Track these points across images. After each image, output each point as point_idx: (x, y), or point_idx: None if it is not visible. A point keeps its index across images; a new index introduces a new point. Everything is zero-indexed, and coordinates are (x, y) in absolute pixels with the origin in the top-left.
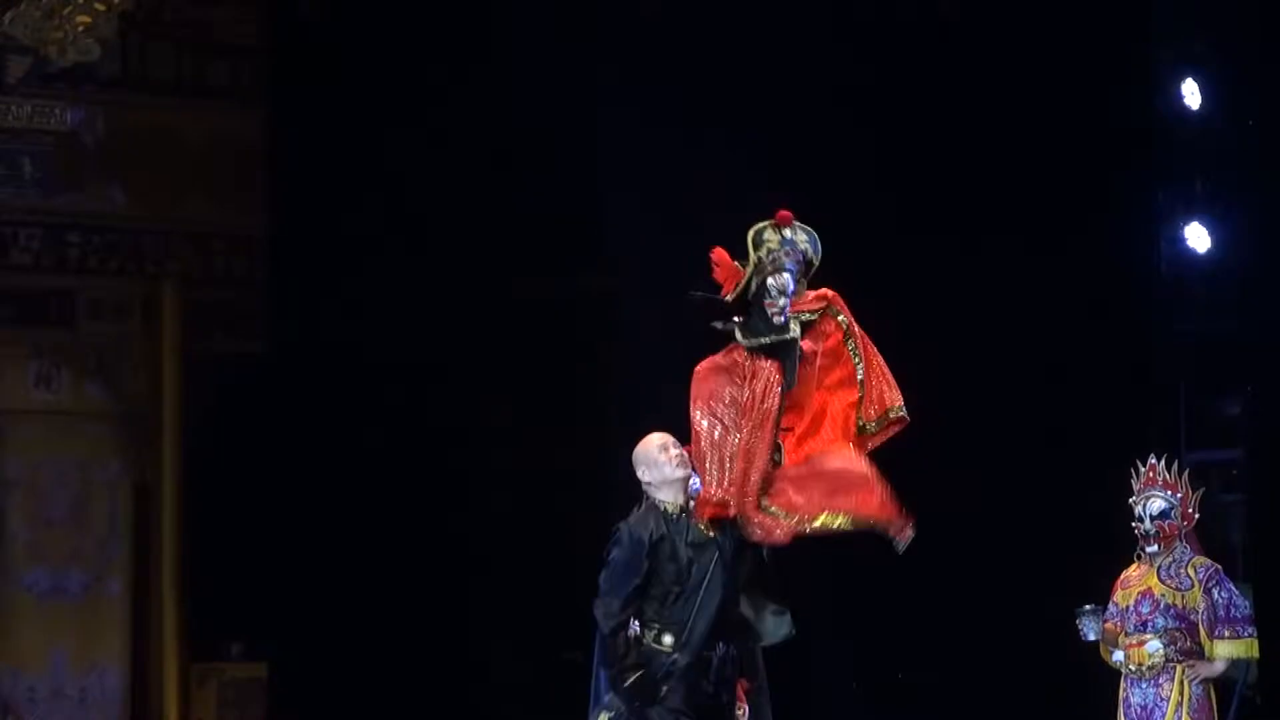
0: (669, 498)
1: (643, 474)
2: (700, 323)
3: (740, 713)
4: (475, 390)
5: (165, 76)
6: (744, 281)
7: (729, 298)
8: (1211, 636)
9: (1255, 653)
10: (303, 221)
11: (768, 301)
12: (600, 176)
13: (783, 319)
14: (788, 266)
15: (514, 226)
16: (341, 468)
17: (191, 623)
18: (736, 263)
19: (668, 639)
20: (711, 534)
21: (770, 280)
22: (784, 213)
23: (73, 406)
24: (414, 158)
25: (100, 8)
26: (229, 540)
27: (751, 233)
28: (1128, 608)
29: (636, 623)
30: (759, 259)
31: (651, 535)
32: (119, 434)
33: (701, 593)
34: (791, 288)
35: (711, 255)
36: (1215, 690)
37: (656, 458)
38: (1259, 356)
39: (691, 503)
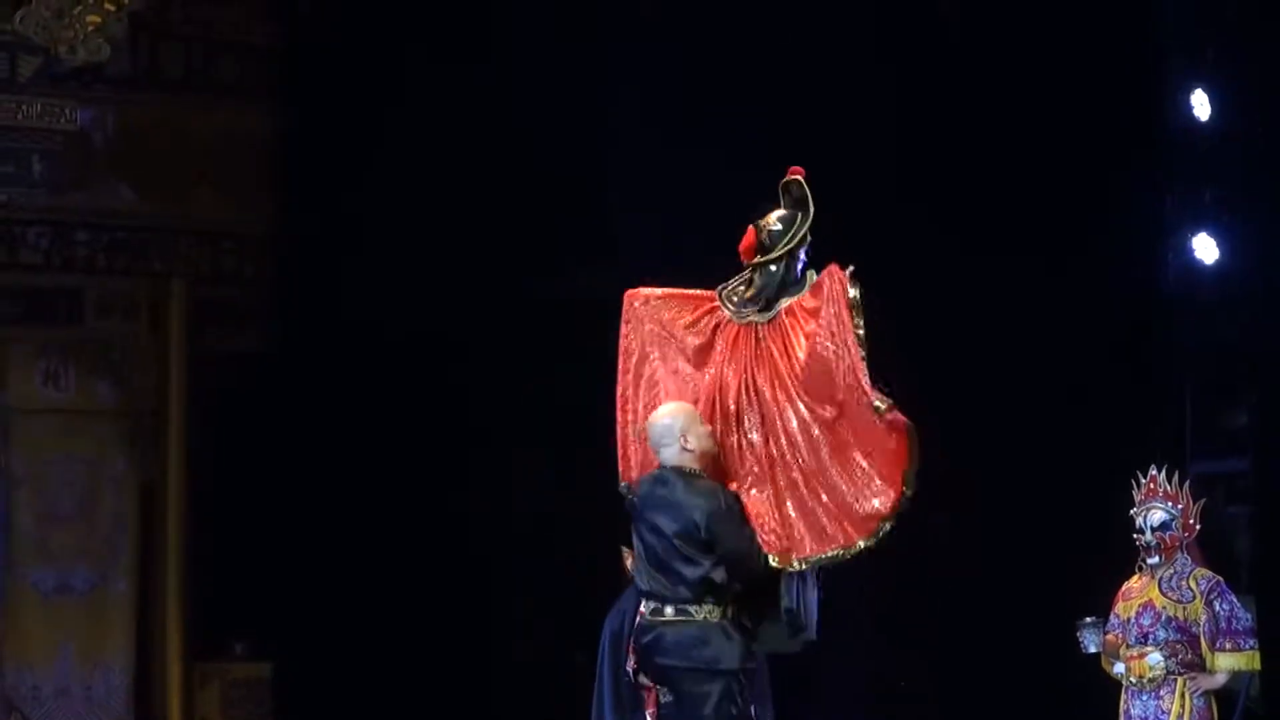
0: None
1: (694, 440)
2: None
3: None
4: (482, 389)
5: (174, 75)
6: (800, 232)
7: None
8: (1213, 649)
9: (1257, 665)
10: (311, 220)
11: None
12: (606, 176)
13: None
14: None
15: (522, 226)
16: (348, 466)
17: (196, 621)
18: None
19: None
20: None
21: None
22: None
23: (80, 404)
24: (423, 157)
25: (110, 7)
26: (234, 539)
27: (806, 186)
28: (1129, 620)
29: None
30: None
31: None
32: (126, 432)
33: None
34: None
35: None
36: (1217, 703)
37: (701, 428)
38: (1266, 367)
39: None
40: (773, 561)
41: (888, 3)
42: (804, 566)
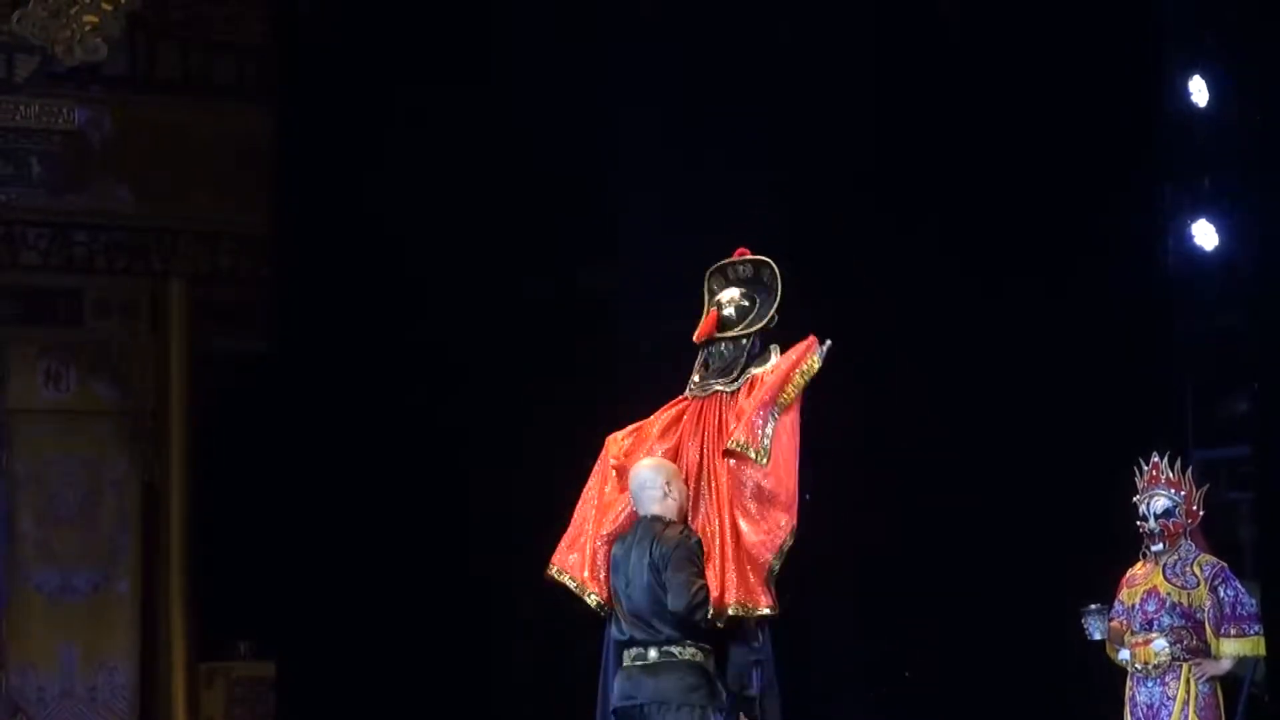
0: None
1: (675, 491)
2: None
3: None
4: (483, 389)
5: (172, 75)
6: (769, 314)
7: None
8: (1218, 635)
9: (1262, 651)
10: (309, 220)
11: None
12: (606, 176)
13: None
14: None
15: (521, 225)
16: (349, 466)
17: (199, 621)
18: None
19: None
20: None
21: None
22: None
23: (81, 405)
24: (421, 156)
25: (107, 7)
26: (237, 539)
27: (775, 269)
28: (1133, 606)
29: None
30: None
31: None
32: (127, 432)
33: None
34: None
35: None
36: (1222, 689)
37: (681, 484)
38: (1267, 353)
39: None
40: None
41: (887, 1)
42: (720, 623)
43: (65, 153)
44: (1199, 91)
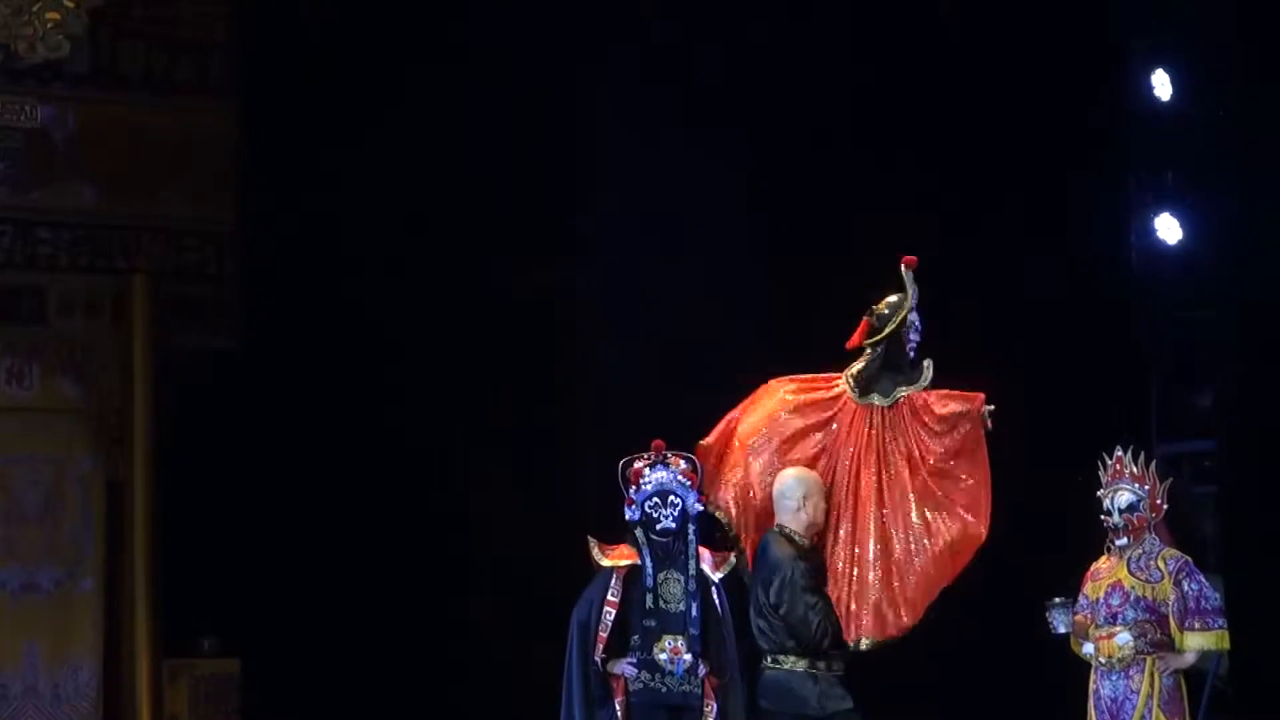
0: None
1: (810, 506)
2: (674, 325)
3: (708, 709)
4: (450, 385)
5: (135, 73)
6: (900, 315)
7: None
8: (1182, 628)
9: (1226, 644)
10: (274, 217)
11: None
12: (581, 173)
13: None
14: None
15: (491, 223)
16: (314, 464)
17: (164, 619)
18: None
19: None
20: None
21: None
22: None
23: (45, 403)
24: (387, 153)
25: (69, 4)
26: (201, 536)
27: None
28: (1098, 600)
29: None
30: None
31: None
32: (91, 430)
33: None
34: None
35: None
36: (1186, 682)
37: (822, 502)
38: (1230, 348)
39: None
40: (864, 644)
41: (869, 2)
42: (865, 646)
43: (28, 150)
44: (1161, 85)
